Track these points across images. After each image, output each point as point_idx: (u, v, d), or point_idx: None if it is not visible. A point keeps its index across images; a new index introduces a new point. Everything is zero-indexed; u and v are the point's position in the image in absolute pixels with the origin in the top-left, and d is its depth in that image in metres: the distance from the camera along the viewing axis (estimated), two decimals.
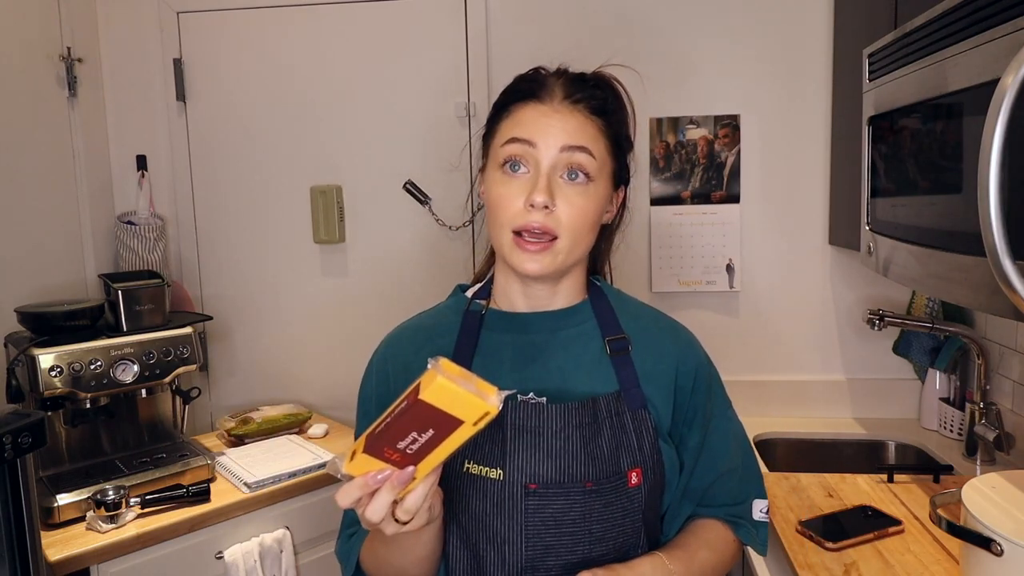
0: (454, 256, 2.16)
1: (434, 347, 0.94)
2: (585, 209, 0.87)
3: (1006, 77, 0.76)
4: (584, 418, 0.88)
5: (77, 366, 1.60)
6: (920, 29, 1.10)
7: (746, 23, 2.00)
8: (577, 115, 0.87)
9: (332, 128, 2.16)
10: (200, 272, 2.25)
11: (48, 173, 1.96)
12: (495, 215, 0.88)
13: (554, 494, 0.85)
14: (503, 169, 0.87)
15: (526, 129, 0.86)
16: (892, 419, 2.02)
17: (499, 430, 0.87)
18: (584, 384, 0.91)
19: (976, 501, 1.01)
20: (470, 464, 0.87)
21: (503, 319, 0.96)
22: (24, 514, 1.25)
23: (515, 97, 0.90)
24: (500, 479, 0.85)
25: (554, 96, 0.88)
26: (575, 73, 0.93)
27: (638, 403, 0.90)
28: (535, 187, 0.84)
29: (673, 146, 2.05)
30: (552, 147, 0.85)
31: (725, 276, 2.06)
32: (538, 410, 0.88)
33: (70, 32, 2.02)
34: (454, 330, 0.96)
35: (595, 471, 0.86)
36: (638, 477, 0.88)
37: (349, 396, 2.24)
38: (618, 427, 0.89)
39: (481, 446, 0.87)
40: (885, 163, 1.32)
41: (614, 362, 0.92)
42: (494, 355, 0.93)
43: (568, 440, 0.87)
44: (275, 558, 1.67)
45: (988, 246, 0.79)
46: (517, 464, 0.86)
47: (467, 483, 0.87)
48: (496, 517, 0.86)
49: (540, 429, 0.87)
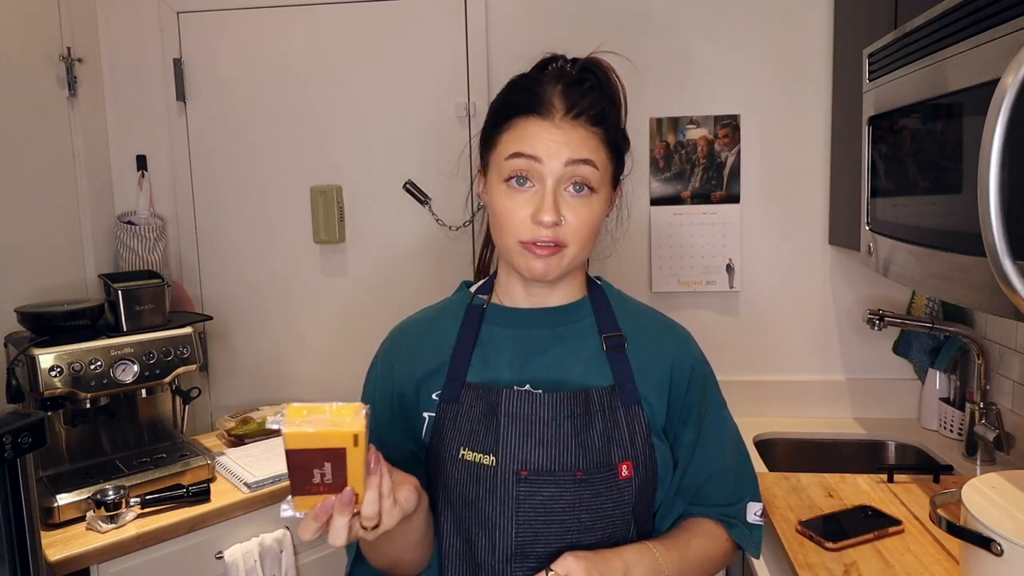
0: (454, 256, 2.16)
1: (436, 339, 0.98)
2: (591, 219, 0.89)
3: (1006, 77, 0.76)
4: (576, 408, 0.90)
5: (77, 366, 1.60)
6: (920, 29, 1.10)
7: (746, 23, 2.00)
8: (579, 129, 0.89)
9: (332, 128, 2.16)
10: (200, 272, 2.25)
11: (48, 173, 1.96)
12: (501, 225, 0.90)
13: (544, 481, 0.88)
14: (508, 183, 0.89)
15: (530, 145, 0.88)
16: (892, 419, 2.01)
17: (493, 418, 0.89)
18: (580, 378, 0.93)
19: (976, 501, 1.01)
20: (465, 451, 0.90)
21: (504, 314, 0.98)
22: (24, 514, 1.25)
23: (515, 110, 0.91)
24: (493, 465, 0.88)
25: (555, 111, 0.89)
26: (571, 76, 0.93)
27: (632, 398, 0.92)
28: (542, 205, 0.86)
29: (673, 146, 2.05)
30: (557, 163, 0.87)
31: (725, 276, 2.06)
32: (530, 399, 0.90)
33: (70, 32, 2.01)
34: (456, 323, 0.98)
35: (585, 461, 0.88)
36: (629, 470, 0.89)
37: (349, 396, 2.23)
38: (610, 420, 0.90)
39: (476, 433, 0.90)
40: (885, 163, 1.32)
41: (610, 358, 0.94)
42: (494, 348, 0.96)
43: (559, 429, 0.89)
44: (275, 558, 1.68)
45: (988, 246, 0.79)
46: (509, 451, 0.88)
47: (462, 469, 0.90)
48: (488, 503, 0.88)
49: (532, 418, 0.89)
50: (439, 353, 0.97)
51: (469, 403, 0.92)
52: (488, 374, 0.94)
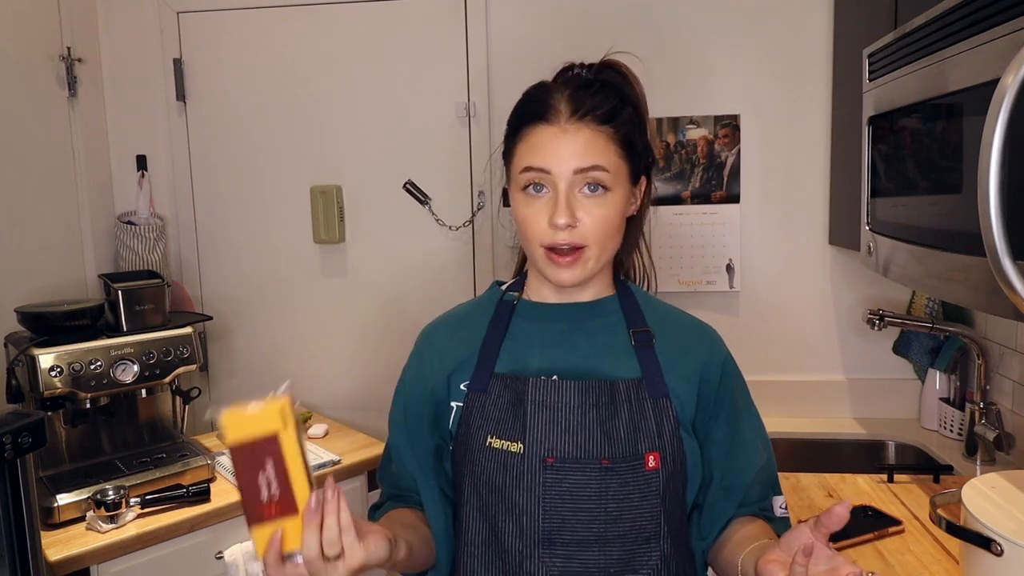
0: (454, 256, 2.16)
1: (467, 333, 1.00)
2: (607, 217, 0.91)
3: (1006, 77, 0.76)
4: (601, 397, 0.92)
5: (77, 366, 1.60)
6: (920, 29, 1.10)
7: (746, 23, 2.00)
8: (585, 130, 0.90)
9: (332, 128, 2.16)
10: (200, 272, 2.25)
11: (48, 173, 1.96)
12: (524, 233, 0.94)
13: (570, 468, 0.89)
14: (526, 192, 0.92)
15: (540, 157, 0.90)
16: (892, 419, 2.01)
17: (520, 406, 0.92)
18: (608, 370, 0.95)
19: (976, 501, 1.01)
20: (492, 438, 0.92)
21: (534, 309, 1.01)
22: (24, 514, 1.25)
23: (525, 119, 0.93)
24: (520, 452, 0.90)
25: (560, 115, 0.90)
26: (580, 80, 0.95)
27: (660, 391, 0.93)
28: (556, 209, 0.89)
29: (673, 146, 2.05)
30: (566, 171, 0.89)
31: (725, 276, 2.06)
32: (556, 387, 0.92)
33: (70, 32, 2.02)
34: (487, 318, 1.01)
35: (611, 449, 0.90)
36: (656, 461, 0.90)
37: (349, 396, 2.26)
38: (636, 411, 0.92)
39: (504, 421, 0.92)
40: (885, 163, 1.32)
41: (638, 352, 0.96)
42: (523, 340, 0.98)
43: (584, 416, 0.91)
44: None
45: (988, 246, 0.79)
46: (536, 438, 0.90)
47: (489, 456, 0.92)
48: (515, 489, 0.90)
49: (558, 405, 0.91)
50: (469, 346, 0.99)
51: (497, 392, 0.94)
52: (516, 365, 0.96)
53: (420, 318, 1.11)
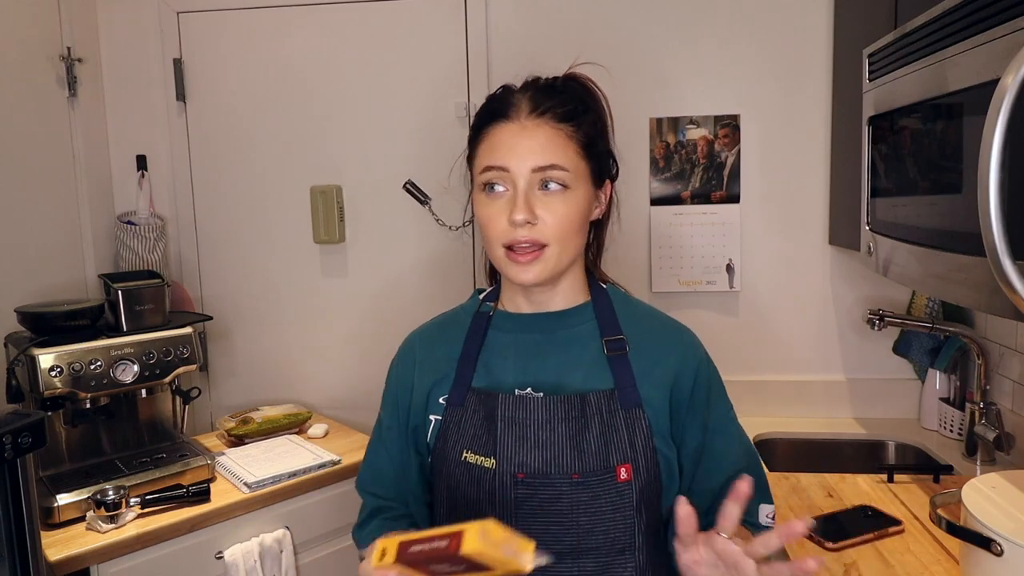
0: (454, 256, 2.16)
1: (447, 345, 1.01)
2: (568, 215, 0.91)
3: (1006, 77, 0.76)
4: (571, 412, 0.91)
5: (77, 366, 1.60)
6: (920, 29, 1.10)
7: (746, 23, 2.00)
8: (544, 128, 0.91)
9: (332, 128, 2.16)
10: (200, 272, 2.25)
11: (48, 173, 1.96)
12: (485, 234, 0.94)
13: (541, 484, 0.89)
14: (485, 191, 0.93)
15: (499, 155, 0.91)
16: (892, 419, 2.01)
17: (492, 422, 0.92)
18: (580, 381, 0.94)
19: (976, 501, 1.01)
20: (468, 453, 0.92)
21: (508, 319, 1.01)
22: (24, 514, 1.24)
23: (487, 119, 0.95)
24: (493, 468, 0.90)
25: (520, 112, 0.91)
26: (543, 82, 0.96)
27: (632, 401, 0.92)
28: (515, 206, 0.89)
29: (673, 146, 2.05)
30: (524, 169, 0.90)
31: (725, 276, 2.06)
32: (526, 402, 0.92)
33: (70, 32, 2.01)
34: (464, 329, 1.01)
35: (581, 464, 0.89)
36: (628, 473, 0.90)
37: (349, 396, 2.26)
38: (608, 423, 0.91)
39: (478, 436, 0.92)
40: (885, 163, 1.32)
41: (611, 361, 0.95)
42: (498, 353, 0.98)
43: (554, 432, 0.91)
44: (275, 558, 1.67)
45: (988, 246, 0.79)
46: (507, 454, 0.90)
47: (464, 471, 0.92)
48: (489, 504, 0.90)
49: (527, 421, 0.91)
50: (448, 359, 1.00)
51: (473, 407, 0.94)
52: (492, 379, 0.97)
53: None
